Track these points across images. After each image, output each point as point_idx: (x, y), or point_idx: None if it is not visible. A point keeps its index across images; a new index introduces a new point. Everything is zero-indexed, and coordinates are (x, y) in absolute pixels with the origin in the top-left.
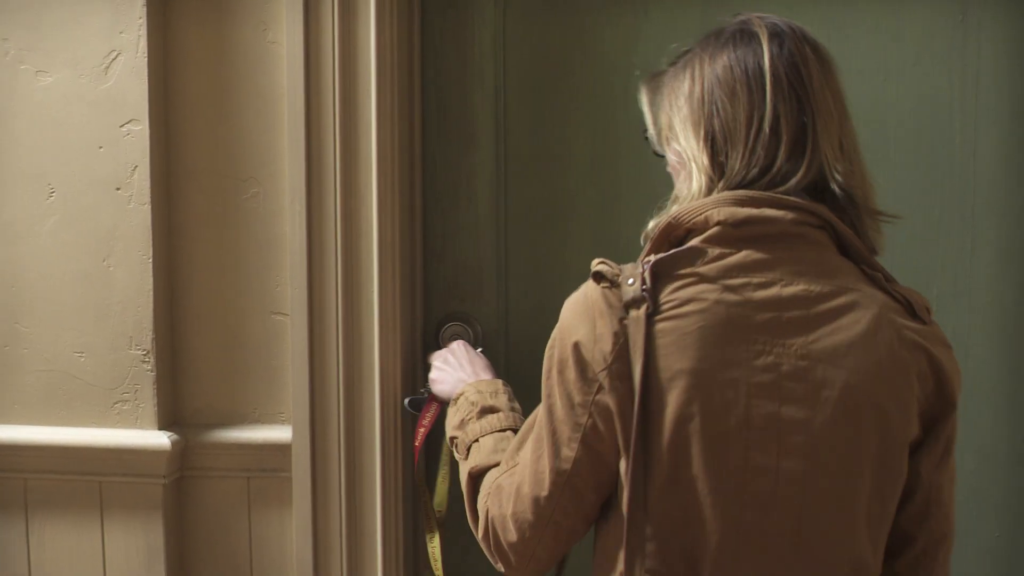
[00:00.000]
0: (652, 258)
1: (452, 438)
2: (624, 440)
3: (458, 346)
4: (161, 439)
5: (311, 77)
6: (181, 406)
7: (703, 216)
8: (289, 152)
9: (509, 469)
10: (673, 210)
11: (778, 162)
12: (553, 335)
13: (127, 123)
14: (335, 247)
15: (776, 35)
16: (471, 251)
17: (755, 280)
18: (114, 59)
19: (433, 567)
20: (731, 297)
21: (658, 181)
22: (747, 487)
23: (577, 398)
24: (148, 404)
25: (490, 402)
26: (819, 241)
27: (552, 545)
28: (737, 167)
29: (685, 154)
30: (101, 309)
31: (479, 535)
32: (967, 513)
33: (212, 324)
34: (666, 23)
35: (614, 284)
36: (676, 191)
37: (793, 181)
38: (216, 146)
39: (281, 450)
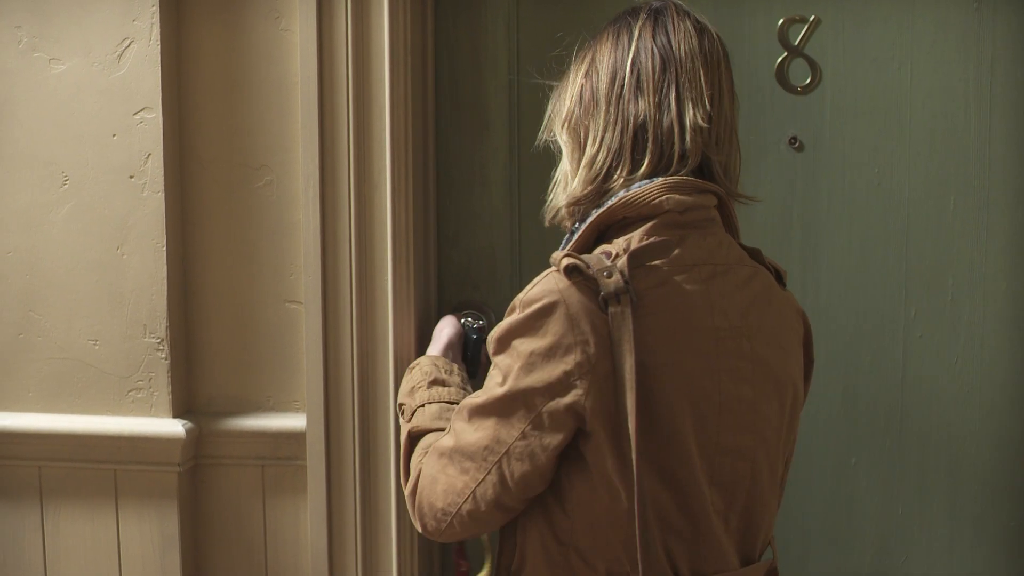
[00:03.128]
0: (614, 248)
1: (400, 404)
2: (613, 435)
3: (442, 322)
4: (175, 427)
5: (324, 65)
6: (195, 394)
7: (654, 203)
8: (303, 140)
9: (453, 435)
10: (620, 196)
11: (679, 148)
12: (512, 327)
13: (140, 111)
14: (349, 235)
15: (655, 10)
16: (485, 239)
17: (704, 268)
18: (127, 47)
19: None
20: (693, 287)
21: None
22: (716, 470)
23: (539, 397)
24: (162, 392)
25: (443, 376)
26: (719, 222)
27: (470, 524)
28: (600, 127)
29: (554, 128)
30: (115, 297)
31: (407, 490)
32: (983, 502)
33: (226, 312)
34: None
35: (587, 278)
36: (565, 173)
37: (691, 164)
38: (229, 134)
39: (295, 438)
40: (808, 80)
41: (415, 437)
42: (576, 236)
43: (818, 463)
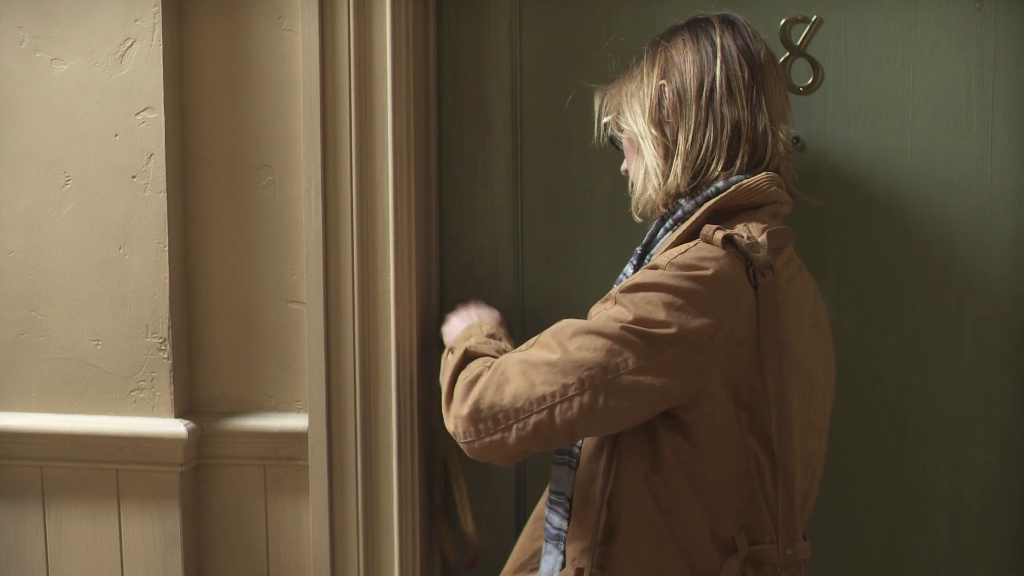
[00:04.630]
0: (754, 231)
1: (451, 348)
2: (735, 398)
3: (463, 304)
4: (178, 427)
5: (326, 65)
6: (197, 394)
7: (767, 191)
8: (305, 139)
9: (544, 348)
10: (734, 186)
11: (749, 125)
12: (657, 279)
13: (142, 111)
14: (351, 235)
15: (729, 22)
16: (487, 238)
17: (800, 260)
18: (129, 47)
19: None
20: (798, 274)
21: None
22: (805, 448)
23: (666, 339)
24: (164, 392)
25: (497, 331)
26: None
27: (522, 441)
28: (691, 128)
29: (635, 128)
30: (117, 297)
31: (445, 397)
32: (990, 506)
33: (228, 312)
34: (681, 12)
35: (740, 250)
36: (632, 177)
37: (773, 166)
38: (232, 134)
39: (297, 438)
40: (810, 80)
41: (470, 356)
42: (691, 220)
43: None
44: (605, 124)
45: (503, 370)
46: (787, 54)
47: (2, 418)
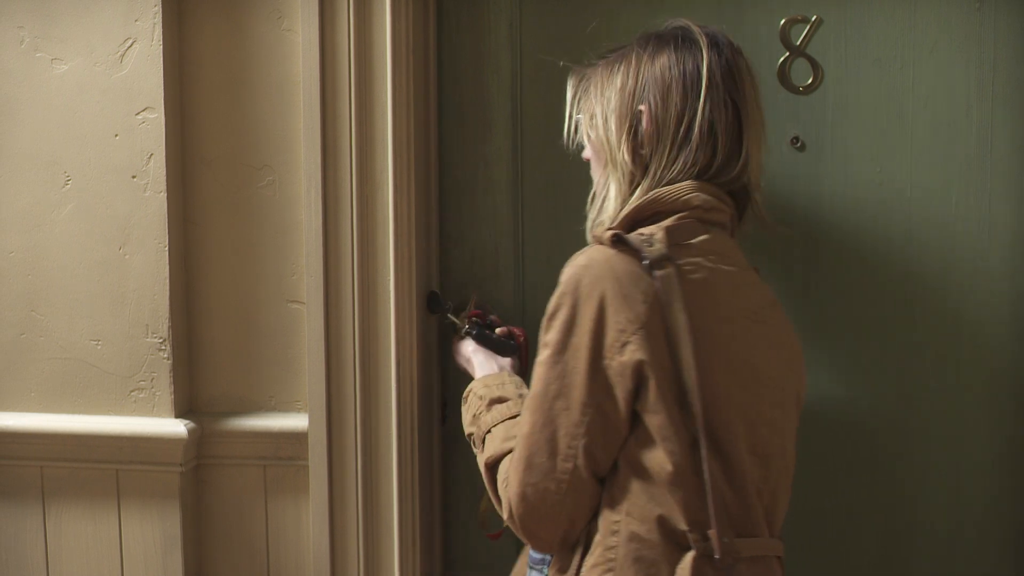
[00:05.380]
0: (647, 232)
1: (469, 434)
2: (668, 390)
3: (463, 350)
4: (178, 427)
5: (326, 65)
6: (197, 394)
7: (683, 199)
8: (305, 139)
9: (518, 444)
10: (652, 192)
11: (717, 160)
12: (558, 301)
13: (142, 111)
14: (351, 235)
15: (715, 44)
16: (488, 237)
17: (725, 259)
18: (129, 47)
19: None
20: (719, 270)
21: None
22: (758, 440)
23: (592, 360)
24: (164, 392)
25: (497, 393)
26: (731, 231)
27: (573, 509)
28: (663, 162)
29: (605, 145)
30: (117, 297)
31: (505, 517)
32: (993, 501)
33: (228, 312)
34: (680, 11)
35: (631, 247)
36: (596, 188)
37: (724, 179)
38: (232, 134)
39: (297, 438)
40: (810, 80)
41: (492, 467)
42: (618, 223)
43: (820, 463)
44: (577, 122)
45: (514, 482)
46: (787, 54)
47: (2, 418)
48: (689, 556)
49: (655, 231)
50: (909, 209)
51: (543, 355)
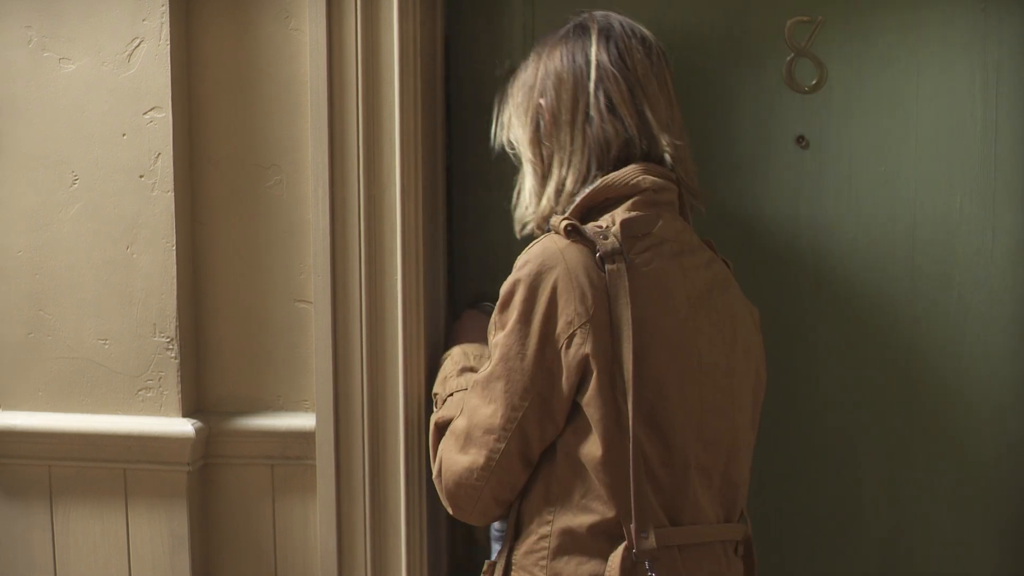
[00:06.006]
0: (603, 223)
1: (435, 394)
2: (609, 383)
3: (463, 316)
4: (185, 426)
5: (334, 64)
6: (205, 393)
7: (633, 182)
8: (312, 139)
9: (466, 414)
10: (600, 180)
11: (632, 146)
12: (511, 288)
13: (150, 110)
14: (358, 234)
15: (604, 30)
16: (500, 231)
17: (675, 243)
18: (137, 46)
19: None
20: (670, 257)
21: None
22: (704, 427)
23: (539, 349)
24: (172, 391)
25: (472, 363)
26: (678, 209)
27: (497, 489)
28: (566, 152)
29: (516, 142)
30: (124, 296)
31: (434, 475)
32: (993, 501)
33: (236, 311)
34: (690, 9)
35: (585, 239)
36: (518, 184)
37: (638, 155)
38: (239, 133)
39: (305, 438)
40: (815, 80)
41: (441, 427)
42: (561, 220)
43: (824, 461)
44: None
45: (451, 449)
46: (792, 54)
47: (10, 417)
48: (620, 547)
49: (611, 223)
50: (913, 208)
51: (494, 338)
